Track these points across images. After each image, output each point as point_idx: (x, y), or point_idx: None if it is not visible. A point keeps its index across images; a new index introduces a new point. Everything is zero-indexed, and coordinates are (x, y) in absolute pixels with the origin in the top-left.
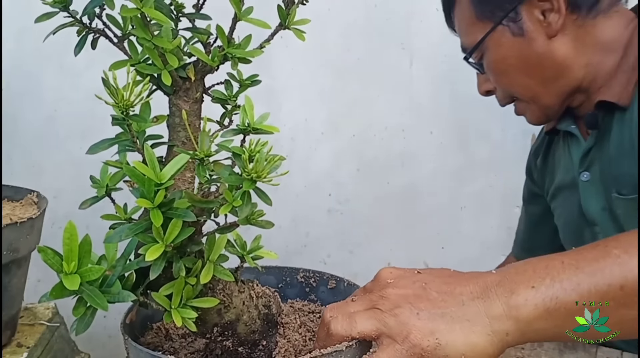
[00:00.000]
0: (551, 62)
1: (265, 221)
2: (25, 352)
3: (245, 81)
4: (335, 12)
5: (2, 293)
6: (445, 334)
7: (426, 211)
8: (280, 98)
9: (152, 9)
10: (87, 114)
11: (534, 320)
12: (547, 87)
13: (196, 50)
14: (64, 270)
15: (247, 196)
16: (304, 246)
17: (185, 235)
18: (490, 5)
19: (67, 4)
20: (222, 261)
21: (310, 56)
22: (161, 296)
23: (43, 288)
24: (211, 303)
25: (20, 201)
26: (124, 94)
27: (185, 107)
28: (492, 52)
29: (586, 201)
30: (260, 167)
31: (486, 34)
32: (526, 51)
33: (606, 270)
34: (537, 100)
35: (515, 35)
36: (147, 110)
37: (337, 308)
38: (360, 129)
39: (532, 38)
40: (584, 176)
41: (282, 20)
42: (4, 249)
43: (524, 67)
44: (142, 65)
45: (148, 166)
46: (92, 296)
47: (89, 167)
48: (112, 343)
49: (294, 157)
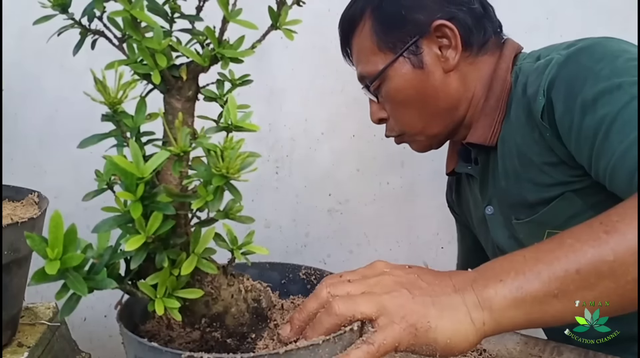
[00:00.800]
0: (445, 95)
1: (245, 216)
2: (26, 352)
3: (236, 81)
4: (335, 12)
5: (2, 293)
6: (436, 319)
7: (426, 211)
8: (280, 98)
9: (140, 11)
10: (87, 115)
11: (505, 309)
12: (438, 119)
13: (187, 50)
14: (48, 256)
15: (219, 191)
16: (304, 246)
17: (166, 227)
18: (393, 38)
19: (65, 7)
20: (209, 254)
21: (310, 56)
22: (147, 286)
23: (44, 288)
24: (196, 295)
25: (21, 201)
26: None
27: (177, 105)
28: (392, 82)
29: (494, 233)
30: (232, 164)
31: (388, 64)
32: (424, 83)
33: (562, 257)
34: (427, 130)
35: (415, 67)
36: (142, 107)
37: (334, 287)
38: (360, 129)
39: (431, 71)
40: (489, 210)
41: (273, 21)
42: (4, 249)
43: (420, 98)
44: (135, 64)
45: (132, 161)
46: (74, 282)
47: (89, 167)
48: (113, 343)
49: (294, 157)
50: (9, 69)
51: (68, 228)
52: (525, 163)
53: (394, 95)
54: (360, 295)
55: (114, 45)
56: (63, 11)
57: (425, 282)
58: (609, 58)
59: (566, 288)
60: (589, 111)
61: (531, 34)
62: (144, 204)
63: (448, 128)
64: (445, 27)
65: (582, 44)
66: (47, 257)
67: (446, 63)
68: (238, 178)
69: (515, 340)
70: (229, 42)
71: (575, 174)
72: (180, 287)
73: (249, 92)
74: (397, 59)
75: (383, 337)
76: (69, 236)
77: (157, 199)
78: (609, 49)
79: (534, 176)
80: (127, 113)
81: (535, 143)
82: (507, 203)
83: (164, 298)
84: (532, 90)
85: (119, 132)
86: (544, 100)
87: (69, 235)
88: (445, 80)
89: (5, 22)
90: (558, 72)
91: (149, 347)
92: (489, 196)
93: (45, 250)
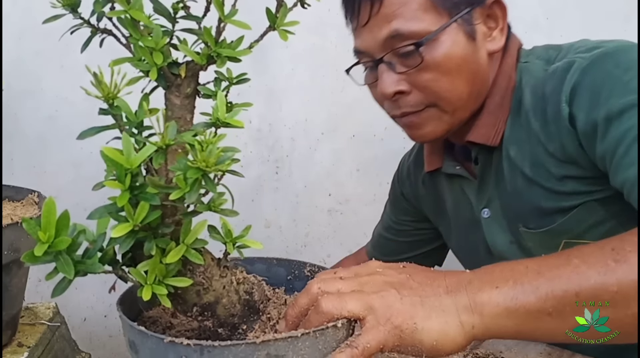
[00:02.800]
0: (483, 77)
1: (229, 210)
2: (26, 352)
3: (233, 79)
4: (335, 12)
5: (2, 293)
6: (423, 320)
7: None
8: (281, 98)
9: (137, 12)
10: (87, 115)
11: (496, 317)
12: (471, 101)
13: (186, 49)
14: (40, 239)
15: (196, 183)
16: (304, 246)
17: (152, 217)
18: None
19: (75, 6)
20: (201, 245)
21: (310, 56)
22: (138, 272)
23: (44, 288)
24: (185, 283)
25: (21, 201)
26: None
27: (177, 102)
28: (443, 46)
29: (491, 237)
30: (208, 157)
31: (445, 25)
32: (473, 56)
33: (564, 276)
34: (458, 111)
35: (467, 37)
36: (145, 103)
37: (325, 284)
38: (360, 129)
39: (479, 47)
40: (485, 213)
41: (271, 23)
42: (4, 249)
43: (466, 71)
44: (136, 62)
45: (124, 153)
46: (63, 265)
47: (89, 167)
48: (113, 343)
49: (294, 157)
50: (9, 69)
51: (61, 214)
52: (541, 173)
53: (442, 62)
54: (349, 293)
55: (121, 44)
56: (73, 11)
57: (417, 282)
58: (636, 68)
59: (562, 309)
60: (615, 122)
61: (531, 33)
62: (133, 195)
63: (467, 116)
64: (499, 6)
65: (605, 48)
66: (40, 240)
67: (492, 43)
68: (215, 171)
69: (539, 349)
70: (226, 42)
71: (597, 183)
72: (171, 275)
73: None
74: (453, 23)
75: (367, 340)
76: (62, 221)
77: (146, 191)
78: (635, 58)
79: (552, 186)
80: (123, 107)
81: (553, 154)
82: (514, 209)
83: (153, 285)
84: (552, 96)
85: (116, 125)
86: (567, 108)
87: (62, 220)
88: (486, 61)
89: (5, 22)
90: (582, 78)
91: (137, 330)
92: (488, 199)
93: (37, 233)
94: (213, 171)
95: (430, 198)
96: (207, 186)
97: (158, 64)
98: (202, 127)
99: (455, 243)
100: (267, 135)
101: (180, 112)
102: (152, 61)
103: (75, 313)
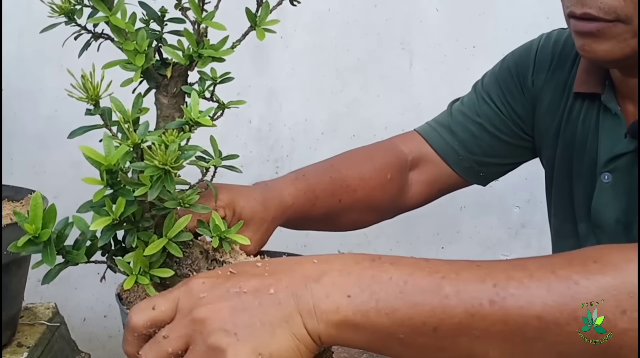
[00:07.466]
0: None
1: (202, 206)
2: (25, 352)
3: (217, 78)
4: (335, 12)
5: (2, 293)
6: (269, 345)
7: (426, 211)
8: (280, 98)
9: (117, 18)
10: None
11: (344, 329)
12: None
13: (169, 50)
14: (27, 231)
15: (158, 181)
16: (304, 246)
17: (129, 211)
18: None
19: (71, 14)
20: (185, 239)
21: (310, 56)
22: (124, 263)
23: (43, 288)
24: (167, 273)
25: (20, 201)
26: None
27: (164, 101)
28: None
29: (599, 204)
30: (168, 156)
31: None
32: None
33: (425, 304)
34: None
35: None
36: (138, 102)
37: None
38: (360, 129)
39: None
40: (605, 178)
41: (252, 22)
42: (4, 249)
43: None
44: (124, 65)
45: (105, 151)
46: (47, 254)
47: (89, 167)
48: (113, 343)
49: (294, 157)
50: (9, 69)
51: (48, 207)
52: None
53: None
54: None
55: (118, 47)
56: (69, 19)
57: (251, 294)
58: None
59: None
60: None
61: (531, 33)
62: (114, 190)
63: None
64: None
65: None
66: (28, 232)
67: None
68: (177, 168)
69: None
70: (209, 42)
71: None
72: (156, 266)
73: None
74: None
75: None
76: (49, 215)
77: (125, 187)
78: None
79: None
80: (117, 106)
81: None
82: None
83: (138, 275)
84: None
85: (104, 125)
86: None
87: (49, 213)
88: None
89: (5, 22)
90: None
91: (126, 313)
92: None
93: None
94: (170, 168)
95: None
96: (165, 183)
97: (139, 66)
98: (175, 126)
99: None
100: (267, 135)
101: (169, 111)
102: (135, 63)
103: (74, 313)
